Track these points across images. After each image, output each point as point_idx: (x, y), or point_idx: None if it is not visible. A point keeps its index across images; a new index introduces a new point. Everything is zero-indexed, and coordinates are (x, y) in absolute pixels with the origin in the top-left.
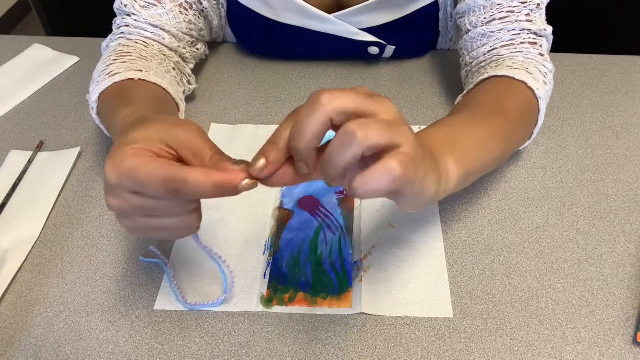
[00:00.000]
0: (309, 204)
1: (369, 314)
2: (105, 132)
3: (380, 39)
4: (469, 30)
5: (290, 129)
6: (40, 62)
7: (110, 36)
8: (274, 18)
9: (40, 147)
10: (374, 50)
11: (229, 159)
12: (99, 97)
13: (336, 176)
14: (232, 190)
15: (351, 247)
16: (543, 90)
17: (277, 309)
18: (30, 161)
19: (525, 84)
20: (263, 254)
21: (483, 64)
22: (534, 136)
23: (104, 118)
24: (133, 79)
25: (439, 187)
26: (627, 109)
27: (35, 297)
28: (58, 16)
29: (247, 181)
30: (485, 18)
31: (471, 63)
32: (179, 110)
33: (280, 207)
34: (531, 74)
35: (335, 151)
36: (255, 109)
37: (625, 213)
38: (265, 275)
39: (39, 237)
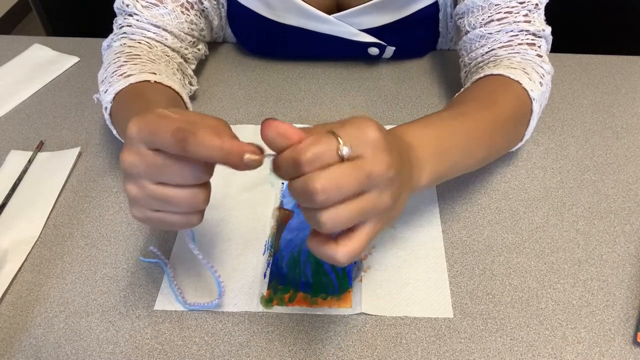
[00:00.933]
0: None
1: (369, 314)
2: (115, 132)
3: (380, 39)
4: (467, 32)
5: (290, 140)
6: (40, 62)
7: (111, 36)
8: (274, 18)
9: (40, 147)
10: (373, 50)
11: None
12: (114, 98)
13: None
14: (237, 158)
15: None
16: (538, 91)
17: (277, 309)
18: (30, 161)
19: (520, 84)
20: (263, 254)
21: (481, 64)
22: (525, 138)
23: (119, 119)
24: (149, 81)
25: (408, 197)
26: (627, 109)
27: (35, 297)
28: (58, 16)
29: (251, 156)
30: (483, 19)
31: (470, 64)
32: None
33: (280, 207)
34: (527, 74)
35: (295, 192)
36: (255, 109)
37: (625, 213)
38: (265, 275)
39: (39, 237)
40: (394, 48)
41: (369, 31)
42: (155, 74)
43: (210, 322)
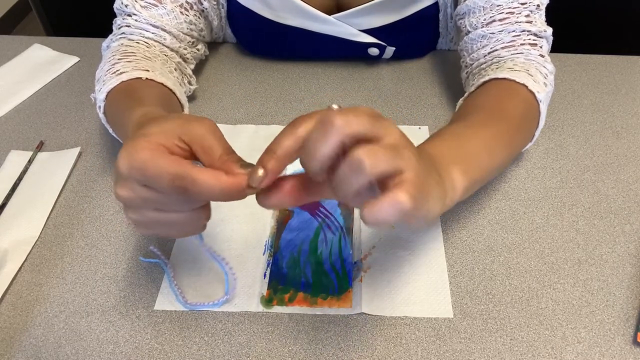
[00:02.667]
0: (309, 204)
1: (369, 314)
2: (111, 131)
3: (380, 40)
4: (469, 32)
5: (290, 138)
6: (40, 62)
7: (110, 36)
8: (274, 19)
9: (40, 147)
10: (373, 51)
11: (238, 159)
12: (106, 96)
13: (348, 200)
14: (238, 194)
15: (351, 247)
16: (544, 92)
17: (277, 309)
18: (30, 161)
19: (526, 86)
20: (263, 254)
21: (483, 65)
22: (535, 138)
23: (113, 117)
24: (140, 77)
25: (443, 203)
26: (627, 109)
27: (35, 297)
28: (58, 16)
29: (251, 188)
30: (485, 19)
31: (471, 64)
32: (183, 110)
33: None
34: (532, 76)
35: (344, 179)
36: (255, 109)
37: (625, 213)
38: (265, 275)
39: (39, 237)
40: (393, 48)
41: (369, 32)
42: (148, 70)
43: (210, 322)
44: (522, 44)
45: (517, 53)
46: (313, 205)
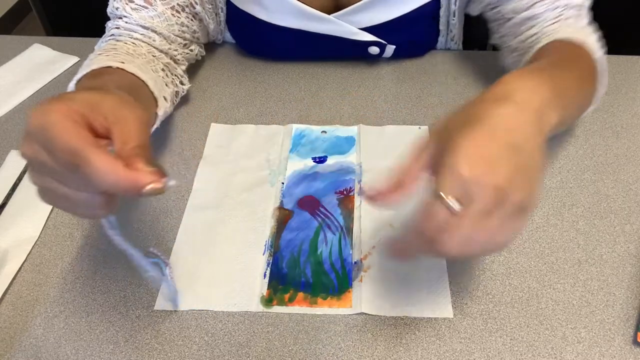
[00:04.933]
0: (309, 204)
1: (369, 314)
2: None
3: (380, 38)
4: (510, 18)
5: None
6: (40, 62)
7: (101, 39)
8: (273, 21)
9: None
10: (374, 50)
11: (148, 157)
12: (75, 85)
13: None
14: (133, 190)
15: (351, 247)
16: (600, 53)
17: (277, 309)
18: None
19: (583, 46)
20: (263, 254)
21: (535, 42)
22: (596, 101)
23: None
24: (111, 66)
25: (542, 145)
26: (627, 109)
27: (35, 297)
28: (58, 16)
29: (152, 186)
30: (527, 3)
31: (519, 47)
32: (157, 105)
33: (280, 207)
34: (586, 37)
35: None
36: (255, 109)
37: (625, 213)
38: (265, 275)
39: (39, 237)
40: (394, 47)
41: (369, 30)
42: (123, 62)
43: (210, 322)
44: (567, 18)
45: (565, 25)
46: (313, 205)
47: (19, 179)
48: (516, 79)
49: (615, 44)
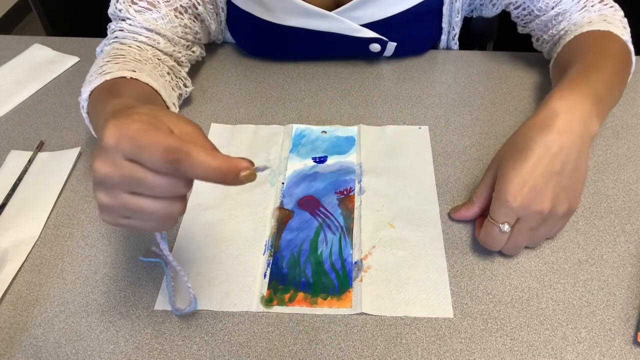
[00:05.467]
0: (309, 204)
1: (369, 314)
2: (92, 131)
3: (382, 35)
4: (538, 15)
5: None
6: (40, 62)
7: (104, 41)
8: (274, 20)
9: (40, 147)
10: (375, 47)
11: None
12: (89, 95)
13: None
14: (232, 175)
15: (351, 247)
16: (627, 35)
17: (277, 309)
18: (30, 161)
19: (611, 32)
20: (263, 254)
21: (565, 34)
22: (629, 78)
23: (93, 114)
24: (125, 77)
25: (584, 153)
26: (627, 109)
27: (35, 297)
28: (58, 16)
29: (248, 171)
30: (553, 0)
31: (550, 40)
32: None
33: (281, 207)
34: (611, 24)
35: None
36: (255, 109)
37: (626, 213)
38: (265, 275)
39: (39, 237)
40: (395, 44)
41: (370, 26)
42: (135, 71)
43: (210, 322)
44: (592, 5)
45: (591, 14)
46: (313, 205)
47: (19, 179)
48: (558, 101)
49: None
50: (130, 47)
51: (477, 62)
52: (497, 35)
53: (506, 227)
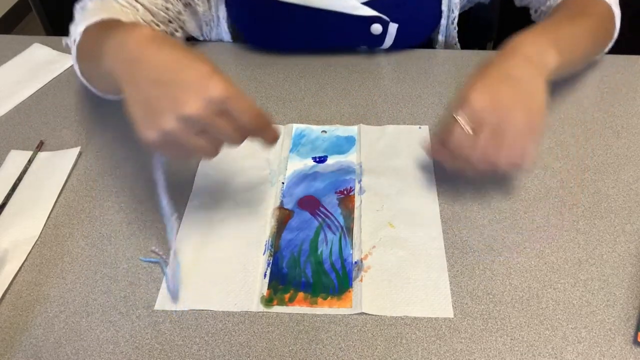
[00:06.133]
0: (309, 203)
1: (369, 314)
2: (78, 70)
3: (382, 14)
4: None
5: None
6: (40, 61)
7: (80, 4)
8: None
9: (40, 147)
10: (376, 29)
11: None
12: (84, 31)
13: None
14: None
15: (351, 247)
16: (614, 2)
17: (277, 309)
18: (30, 161)
19: None
20: (263, 254)
21: (556, 3)
22: (608, 47)
23: (91, 47)
24: (120, 19)
25: (544, 88)
26: (627, 109)
27: (35, 297)
28: (58, 16)
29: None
30: None
31: (549, 10)
32: None
33: (281, 207)
34: None
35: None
36: None
37: (626, 213)
38: (265, 275)
39: (39, 237)
40: (396, 25)
41: (370, 4)
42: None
43: (210, 322)
44: None
45: None
46: (313, 205)
47: (19, 179)
48: (518, 37)
49: (616, 44)
50: (113, 6)
51: (477, 62)
52: (497, 35)
53: (468, 126)
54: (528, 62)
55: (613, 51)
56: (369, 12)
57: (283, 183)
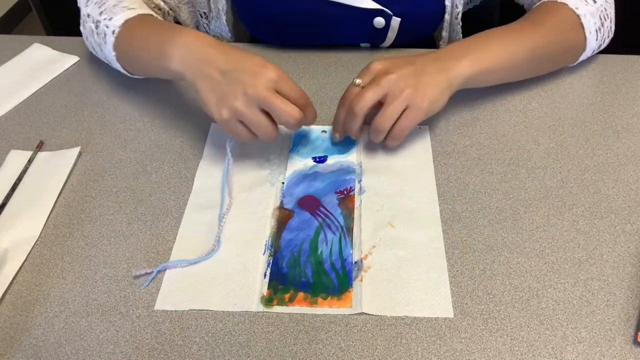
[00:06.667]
0: (309, 203)
1: (369, 314)
2: (115, 58)
3: (385, 7)
4: None
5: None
6: (40, 61)
7: None
8: None
9: (40, 147)
10: (379, 22)
11: None
12: (122, 24)
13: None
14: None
15: (351, 247)
16: (584, 8)
17: (277, 309)
18: (30, 161)
19: (566, 4)
20: (263, 254)
21: (536, 3)
22: (586, 53)
23: (133, 39)
24: (152, 15)
25: (443, 87)
26: (627, 109)
27: (35, 297)
28: (58, 16)
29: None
30: None
31: (529, 8)
32: None
33: (281, 207)
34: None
35: (350, 126)
36: None
37: (626, 213)
38: (265, 275)
39: (39, 237)
40: (399, 20)
41: None
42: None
43: (210, 322)
44: None
45: None
46: (313, 205)
47: (19, 179)
48: (451, 43)
49: (615, 44)
50: None
51: None
52: None
53: (359, 81)
54: (437, 62)
55: (613, 51)
56: (372, 4)
57: (283, 183)
